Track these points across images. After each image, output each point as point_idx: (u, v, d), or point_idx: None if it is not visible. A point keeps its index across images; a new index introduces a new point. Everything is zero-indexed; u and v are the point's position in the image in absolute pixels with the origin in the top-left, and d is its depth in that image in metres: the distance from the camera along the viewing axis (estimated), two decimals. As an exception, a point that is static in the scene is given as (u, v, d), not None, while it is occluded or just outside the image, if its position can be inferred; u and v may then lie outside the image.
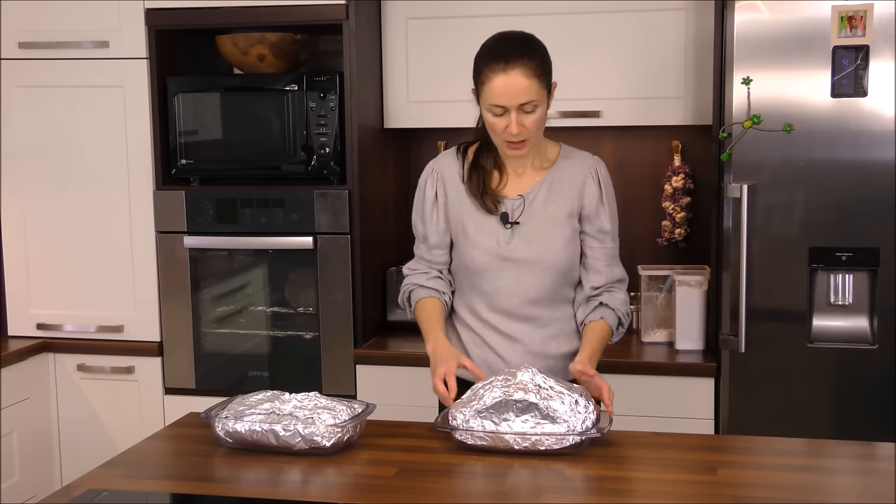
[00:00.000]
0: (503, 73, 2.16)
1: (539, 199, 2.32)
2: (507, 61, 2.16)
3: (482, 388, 2.07)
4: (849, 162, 2.74)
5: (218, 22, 3.21)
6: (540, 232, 2.31)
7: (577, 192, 2.33)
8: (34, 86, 3.32)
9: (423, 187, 2.41)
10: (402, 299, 2.46)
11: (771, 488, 1.87)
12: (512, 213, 2.32)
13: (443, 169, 2.39)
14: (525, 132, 2.21)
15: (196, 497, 1.92)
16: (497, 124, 2.21)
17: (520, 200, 2.32)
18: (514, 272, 2.32)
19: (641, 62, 3.17)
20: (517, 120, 2.18)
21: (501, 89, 2.16)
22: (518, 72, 2.15)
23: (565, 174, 2.34)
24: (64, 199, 3.36)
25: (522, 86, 2.16)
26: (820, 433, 2.72)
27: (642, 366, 2.99)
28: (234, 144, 3.24)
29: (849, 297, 2.81)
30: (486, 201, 2.32)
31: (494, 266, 2.32)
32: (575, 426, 2.00)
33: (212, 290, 3.33)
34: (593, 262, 2.35)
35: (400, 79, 3.35)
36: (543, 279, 2.32)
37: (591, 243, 2.35)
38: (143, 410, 3.35)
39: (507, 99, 2.17)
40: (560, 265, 2.32)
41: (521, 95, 2.16)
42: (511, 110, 2.18)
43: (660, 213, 3.40)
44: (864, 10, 2.68)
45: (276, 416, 2.06)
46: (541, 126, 2.25)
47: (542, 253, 2.31)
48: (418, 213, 2.42)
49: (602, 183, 2.34)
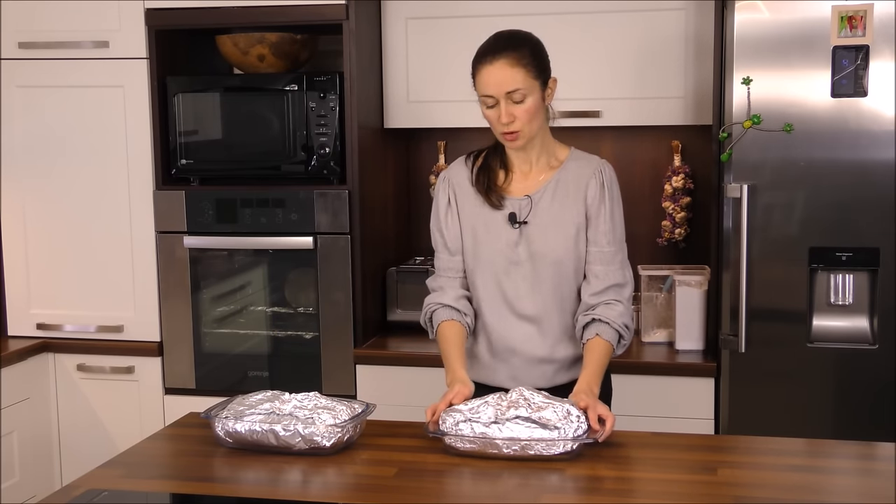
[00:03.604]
0: (489, 64, 2.24)
1: (545, 200, 2.33)
2: (494, 53, 2.25)
3: (478, 405, 2.05)
4: (849, 162, 2.74)
5: (218, 22, 3.21)
6: (546, 231, 2.32)
7: (581, 193, 2.33)
8: (34, 86, 3.32)
9: (437, 196, 2.44)
10: (423, 319, 2.42)
11: (771, 488, 1.87)
12: (520, 213, 2.33)
13: (453, 176, 2.43)
14: (516, 123, 2.24)
15: (196, 497, 1.92)
16: (491, 116, 2.27)
17: (527, 201, 2.33)
18: (522, 272, 2.32)
19: (641, 62, 3.17)
20: (506, 109, 2.23)
21: (487, 79, 2.24)
22: (503, 61, 2.23)
23: (571, 175, 2.35)
24: (64, 199, 3.36)
25: (506, 74, 2.22)
26: (820, 433, 2.72)
27: (642, 366, 2.99)
28: (234, 144, 3.24)
29: (849, 297, 2.81)
30: (491, 197, 2.34)
31: (504, 266, 2.33)
32: (567, 433, 1.99)
33: (212, 290, 3.32)
34: (590, 266, 2.33)
35: (400, 79, 3.35)
36: (551, 279, 2.32)
37: (589, 247, 2.34)
38: (143, 410, 3.35)
39: (494, 88, 2.23)
40: (566, 265, 2.32)
41: (506, 83, 2.22)
42: (500, 99, 2.23)
43: (660, 213, 3.40)
44: (864, 10, 2.68)
45: (276, 416, 2.06)
46: (533, 116, 2.26)
47: (549, 253, 2.31)
48: (435, 224, 2.44)
49: (606, 184, 2.34)
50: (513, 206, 2.34)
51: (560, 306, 2.34)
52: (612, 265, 2.33)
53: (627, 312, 2.31)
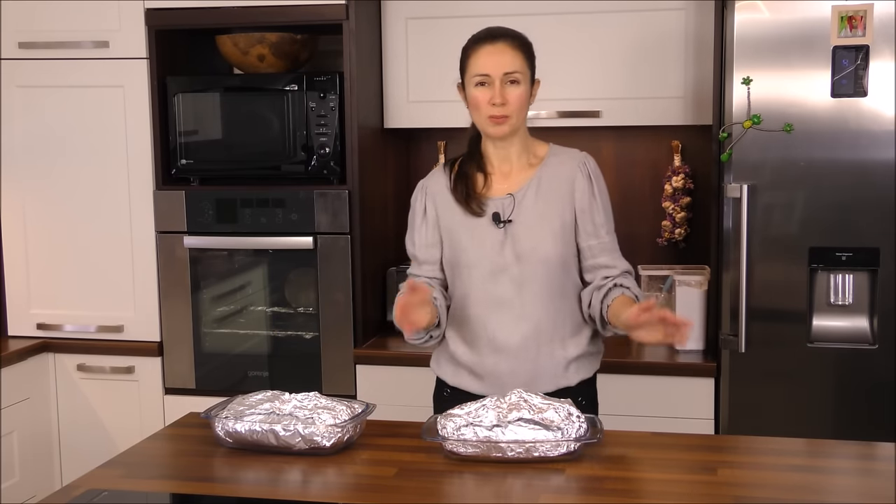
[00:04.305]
0: (490, 45, 2.27)
1: (529, 197, 2.31)
2: (495, 36, 2.28)
3: (476, 409, 2.04)
4: (849, 162, 2.74)
5: (218, 22, 3.21)
6: (532, 229, 2.29)
7: (567, 188, 2.32)
8: (34, 86, 3.32)
9: (414, 206, 2.44)
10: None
11: (771, 488, 1.87)
12: (503, 212, 2.31)
13: (430, 185, 2.41)
14: (508, 106, 2.24)
15: (196, 497, 1.92)
16: (481, 97, 2.26)
17: (510, 199, 2.31)
18: (509, 273, 2.29)
19: (641, 62, 3.17)
20: (501, 90, 2.23)
21: (486, 58, 2.25)
22: (504, 44, 2.27)
23: (554, 171, 2.33)
24: (64, 199, 3.36)
25: (508, 55, 2.25)
26: (820, 433, 2.72)
27: (642, 366, 2.98)
28: (234, 144, 3.24)
29: (849, 297, 2.81)
30: (471, 205, 2.32)
31: (489, 269, 2.30)
32: (570, 434, 1.99)
33: (212, 290, 3.33)
34: (595, 259, 2.32)
35: (400, 79, 3.35)
36: (539, 278, 2.29)
37: (589, 241, 2.32)
38: (143, 410, 3.35)
39: (493, 67, 2.24)
40: (554, 262, 2.30)
41: (506, 64, 2.24)
42: (496, 80, 2.24)
43: (660, 213, 3.40)
44: (864, 10, 2.68)
45: (276, 416, 2.06)
46: (523, 106, 2.27)
47: (536, 251, 2.29)
48: (409, 234, 2.44)
49: (592, 176, 2.33)
50: (495, 206, 2.32)
51: (552, 306, 2.31)
52: (616, 253, 2.35)
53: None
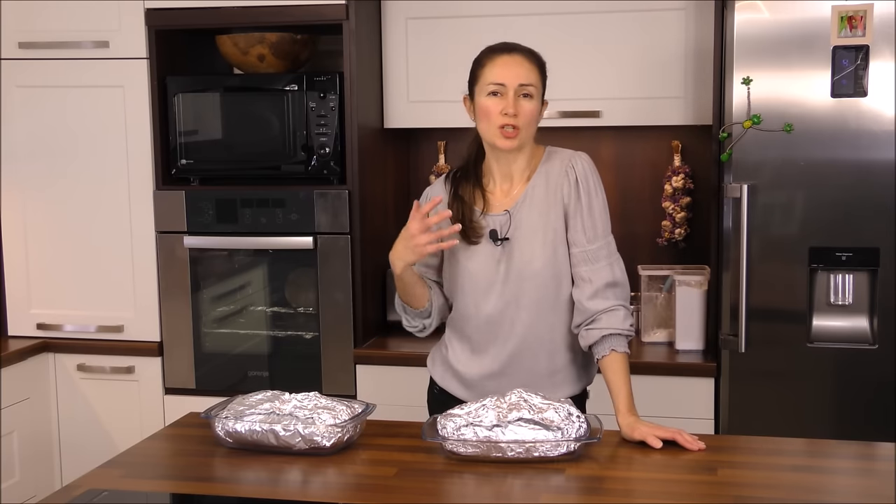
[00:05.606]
0: (507, 55, 2.24)
1: (523, 211, 2.28)
2: (512, 48, 2.27)
3: (476, 409, 2.04)
4: (849, 162, 2.74)
5: (218, 22, 3.21)
6: (527, 244, 2.26)
7: (556, 196, 2.27)
8: (34, 86, 3.32)
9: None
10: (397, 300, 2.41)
11: (771, 488, 1.87)
12: (500, 230, 2.28)
13: (436, 195, 2.36)
14: (520, 118, 2.21)
15: (196, 497, 1.92)
16: (493, 107, 2.22)
17: (505, 217, 2.28)
18: (502, 288, 2.27)
19: (641, 62, 3.17)
20: (515, 102, 2.21)
21: (503, 68, 2.22)
22: (522, 57, 2.25)
23: (544, 180, 2.29)
24: (64, 199, 3.36)
25: (525, 67, 2.23)
26: (820, 433, 2.72)
27: (642, 366, 2.98)
28: (234, 144, 3.24)
29: (849, 297, 2.81)
30: (467, 233, 2.28)
31: (484, 286, 2.28)
32: (570, 434, 1.99)
33: (212, 290, 3.33)
34: (575, 269, 2.26)
35: (400, 79, 3.35)
36: (530, 293, 2.26)
37: (573, 248, 2.27)
38: (143, 410, 3.35)
39: (510, 77, 2.21)
40: (546, 276, 2.25)
41: (523, 76, 2.22)
42: (510, 90, 2.21)
43: (660, 213, 3.40)
44: (864, 10, 2.68)
45: (276, 416, 2.06)
46: (533, 121, 2.24)
47: (530, 264, 2.25)
48: None
49: (580, 178, 2.26)
50: (494, 224, 2.29)
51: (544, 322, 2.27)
52: (598, 263, 2.24)
53: (629, 314, 2.26)
